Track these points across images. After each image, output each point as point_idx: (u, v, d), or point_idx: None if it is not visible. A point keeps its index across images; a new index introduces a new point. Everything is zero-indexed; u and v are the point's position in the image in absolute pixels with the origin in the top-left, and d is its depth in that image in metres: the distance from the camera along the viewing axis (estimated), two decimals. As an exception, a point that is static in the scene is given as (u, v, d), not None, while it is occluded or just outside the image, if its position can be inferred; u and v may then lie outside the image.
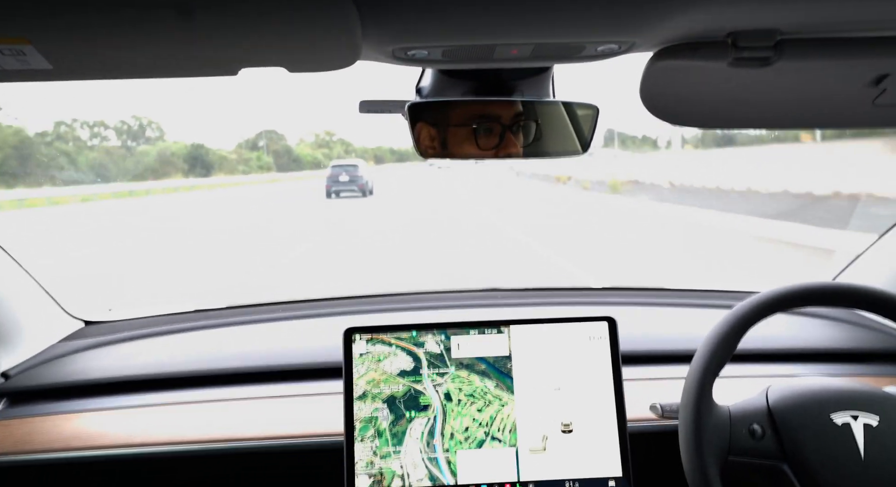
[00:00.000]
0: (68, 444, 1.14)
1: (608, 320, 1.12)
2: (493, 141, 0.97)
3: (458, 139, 0.98)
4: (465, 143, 0.98)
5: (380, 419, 1.09)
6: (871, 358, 1.37)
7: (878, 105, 0.82)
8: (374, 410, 1.09)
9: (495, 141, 0.97)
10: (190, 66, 0.75)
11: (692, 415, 0.93)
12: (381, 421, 1.09)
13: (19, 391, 1.28)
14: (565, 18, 0.68)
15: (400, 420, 1.09)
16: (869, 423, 0.93)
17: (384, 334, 1.11)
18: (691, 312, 1.63)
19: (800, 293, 0.97)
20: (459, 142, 0.98)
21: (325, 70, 0.75)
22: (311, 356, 1.34)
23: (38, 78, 0.74)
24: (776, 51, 0.73)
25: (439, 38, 0.73)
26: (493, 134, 0.97)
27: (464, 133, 0.97)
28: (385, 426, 1.09)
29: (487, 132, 0.97)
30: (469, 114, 0.97)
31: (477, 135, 0.97)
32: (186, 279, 7.69)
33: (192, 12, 0.60)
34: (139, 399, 1.25)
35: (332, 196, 21.70)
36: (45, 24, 0.61)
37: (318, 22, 0.63)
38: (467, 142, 0.97)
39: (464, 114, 0.97)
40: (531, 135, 0.99)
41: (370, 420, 1.09)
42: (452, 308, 1.61)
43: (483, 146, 0.97)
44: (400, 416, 1.09)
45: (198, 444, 1.14)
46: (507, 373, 1.10)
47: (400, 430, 1.08)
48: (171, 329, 1.53)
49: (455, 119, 0.97)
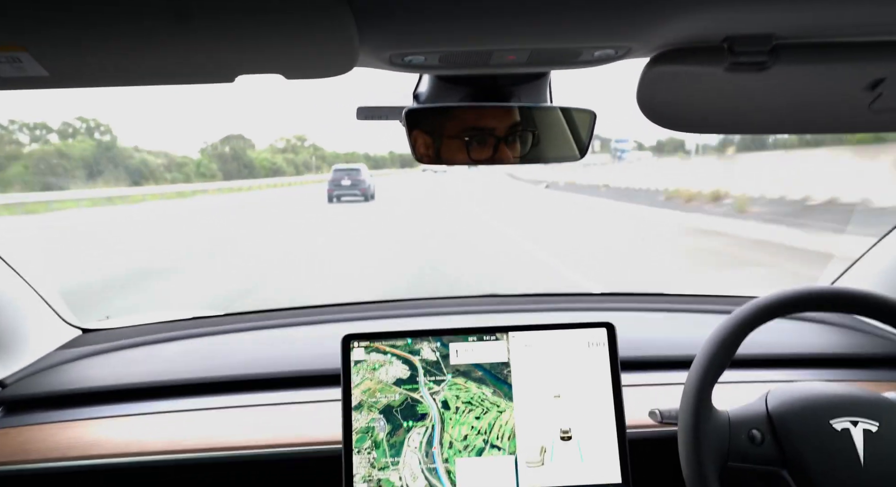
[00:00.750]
0: (66, 453, 1.13)
1: (607, 326, 1.12)
2: (487, 152, 0.98)
3: (452, 150, 0.98)
4: (459, 154, 0.98)
5: (377, 429, 1.08)
6: (871, 364, 1.37)
7: (875, 109, 0.82)
8: (371, 420, 1.08)
9: (489, 152, 0.98)
10: (186, 73, 0.75)
11: (691, 421, 0.93)
12: (378, 432, 1.08)
13: (16, 399, 1.27)
14: (562, 24, 0.69)
15: (397, 430, 1.08)
16: (869, 429, 0.93)
17: (380, 341, 1.11)
18: (690, 318, 1.63)
19: (799, 298, 0.97)
20: (453, 152, 0.98)
21: (323, 76, 0.76)
22: (310, 363, 1.34)
23: (34, 85, 0.74)
24: (772, 56, 0.73)
25: (436, 44, 0.74)
26: (487, 145, 0.97)
27: (457, 145, 0.97)
28: (382, 436, 1.07)
29: (480, 144, 0.97)
30: (462, 126, 0.97)
31: (469, 148, 0.97)
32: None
33: (189, 19, 0.60)
34: (137, 407, 1.25)
35: (334, 200, 21.26)
36: (42, 31, 0.61)
37: (315, 29, 0.63)
38: (460, 153, 0.98)
39: (457, 126, 0.97)
40: (528, 144, 0.99)
41: (367, 431, 1.07)
42: (451, 314, 1.61)
43: (475, 158, 0.98)
44: (397, 426, 1.08)
45: (195, 453, 1.14)
46: (503, 380, 1.10)
47: (398, 441, 1.07)
48: (169, 336, 1.52)
49: (449, 130, 0.97)
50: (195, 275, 8.09)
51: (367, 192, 21.64)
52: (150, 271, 8.24)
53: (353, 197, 21.55)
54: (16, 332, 1.35)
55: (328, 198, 21.58)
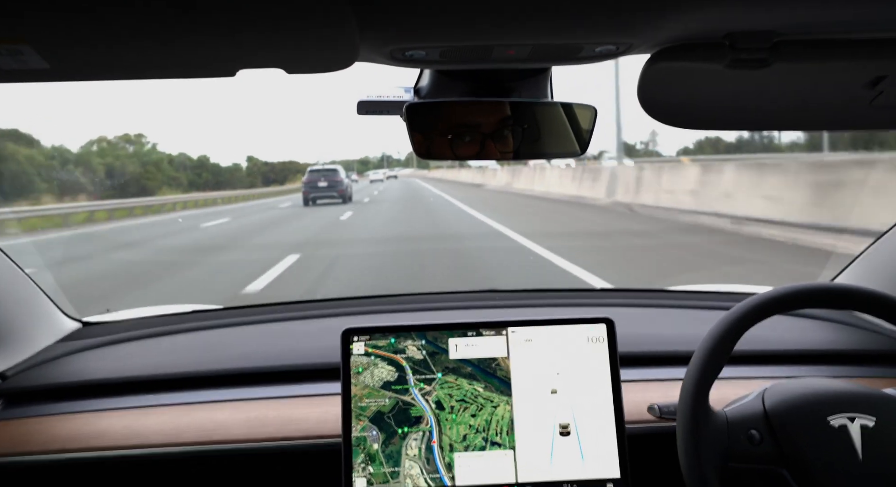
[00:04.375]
0: (66, 445, 1.14)
1: (606, 321, 1.12)
2: (473, 149, 0.99)
3: (461, 138, 1.00)
4: (468, 142, 1.00)
5: (369, 440, 1.01)
6: (870, 360, 1.37)
7: (876, 107, 0.82)
8: (362, 430, 1.01)
9: (475, 149, 0.99)
10: (187, 67, 0.75)
11: (690, 425, 0.93)
12: (372, 443, 1.01)
13: (17, 392, 1.27)
14: (563, 19, 0.69)
15: (392, 438, 1.02)
16: (865, 424, 0.93)
17: (374, 338, 1.07)
18: (689, 314, 1.63)
19: (797, 294, 0.97)
20: (461, 141, 1.00)
21: (324, 71, 0.76)
22: (310, 357, 1.34)
23: (35, 78, 0.74)
24: (773, 52, 0.73)
25: (437, 38, 0.74)
26: (473, 142, 0.99)
27: (467, 132, 0.99)
28: (377, 447, 1.02)
29: (465, 141, 0.99)
30: (472, 114, 0.98)
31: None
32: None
33: (190, 13, 0.60)
34: (137, 400, 1.25)
35: (311, 203, 20.37)
36: (43, 23, 0.61)
37: (315, 23, 0.63)
38: (470, 142, 1.00)
39: (467, 114, 0.99)
40: (530, 135, 0.99)
41: (359, 443, 1.01)
42: (450, 310, 1.61)
43: (486, 144, 0.99)
44: (391, 434, 1.03)
45: (195, 445, 1.14)
46: (493, 374, 1.08)
47: (394, 450, 1.02)
48: (169, 330, 1.52)
49: (457, 118, 0.99)
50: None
51: (345, 194, 20.93)
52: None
53: (331, 199, 20.68)
54: (16, 325, 1.35)
55: (304, 202, 20.68)
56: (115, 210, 19.45)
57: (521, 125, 0.98)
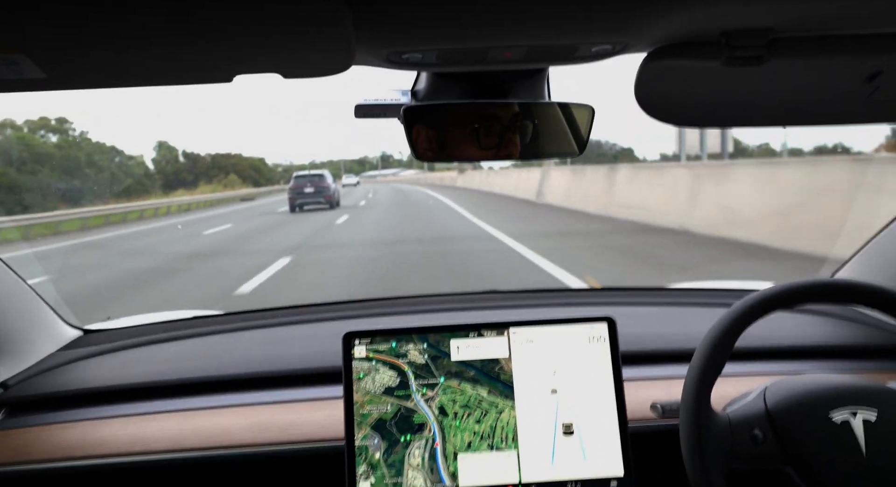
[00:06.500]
0: (68, 453, 1.14)
1: (608, 320, 1.12)
2: (494, 140, 0.98)
3: (458, 140, 0.98)
4: (466, 144, 0.98)
5: (371, 449, 0.99)
6: (872, 355, 1.37)
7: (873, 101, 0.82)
8: (364, 438, 0.99)
9: (496, 140, 0.98)
10: (184, 74, 0.75)
11: (692, 429, 0.93)
12: (374, 452, 0.99)
13: (18, 401, 1.27)
14: (558, 20, 0.69)
15: (394, 446, 1.00)
16: (868, 418, 0.93)
17: (376, 342, 1.07)
18: (690, 311, 1.63)
19: (798, 290, 0.97)
20: (459, 143, 0.98)
21: (320, 75, 0.76)
22: (312, 361, 1.34)
23: (32, 87, 0.74)
24: (769, 49, 0.73)
25: (433, 41, 0.74)
26: (493, 133, 0.97)
27: (464, 134, 0.98)
28: (379, 457, 1.00)
29: (488, 132, 0.97)
30: (470, 115, 0.98)
31: (479, 136, 0.97)
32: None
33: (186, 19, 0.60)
34: (139, 407, 1.25)
35: (297, 210, 19.64)
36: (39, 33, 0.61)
37: (312, 27, 0.63)
38: (467, 143, 0.98)
39: (465, 116, 0.98)
40: (528, 136, 1.00)
41: (361, 452, 0.99)
42: (450, 311, 1.61)
43: (484, 146, 0.98)
44: (394, 442, 1.01)
45: (198, 451, 1.14)
46: (496, 377, 1.07)
47: (396, 459, 1.00)
48: (170, 336, 1.52)
49: (454, 120, 0.98)
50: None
51: (332, 199, 20.23)
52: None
53: (318, 205, 20.04)
54: (17, 334, 1.35)
55: (290, 208, 19.94)
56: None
57: (518, 126, 0.98)
